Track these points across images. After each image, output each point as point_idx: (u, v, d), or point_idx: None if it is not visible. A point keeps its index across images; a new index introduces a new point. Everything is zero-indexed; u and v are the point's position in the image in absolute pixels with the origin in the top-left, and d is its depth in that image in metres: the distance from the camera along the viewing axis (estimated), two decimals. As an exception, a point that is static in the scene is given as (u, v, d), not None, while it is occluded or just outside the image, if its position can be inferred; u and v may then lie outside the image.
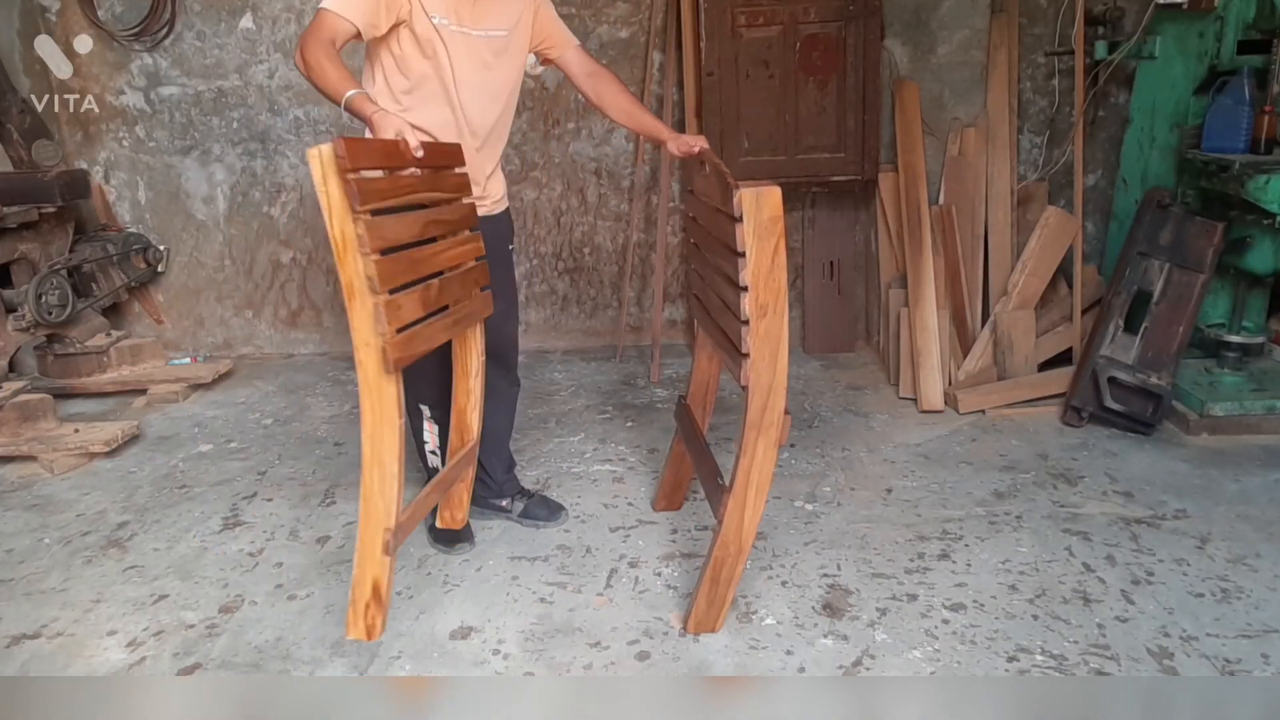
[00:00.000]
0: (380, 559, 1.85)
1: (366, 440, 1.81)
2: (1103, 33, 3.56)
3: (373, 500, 1.83)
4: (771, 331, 1.85)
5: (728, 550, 2.00)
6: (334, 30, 1.99)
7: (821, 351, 4.03)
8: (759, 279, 1.82)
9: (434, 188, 2.04)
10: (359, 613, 1.86)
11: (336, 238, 1.71)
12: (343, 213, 1.70)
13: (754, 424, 1.92)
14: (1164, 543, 2.39)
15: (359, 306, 1.76)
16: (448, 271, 2.07)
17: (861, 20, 3.48)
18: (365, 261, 1.74)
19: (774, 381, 1.90)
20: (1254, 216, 2.85)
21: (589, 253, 4.19)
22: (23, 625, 2.22)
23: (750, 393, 1.90)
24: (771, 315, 1.84)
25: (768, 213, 1.79)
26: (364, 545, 1.85)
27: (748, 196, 1.78)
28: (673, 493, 2.64)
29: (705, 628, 2.07)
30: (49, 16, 3.99)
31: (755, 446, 1.94)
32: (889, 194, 3.71)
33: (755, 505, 1.98)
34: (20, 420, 3.20)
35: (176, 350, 4.33)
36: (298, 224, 4.22)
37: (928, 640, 2.04)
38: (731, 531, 1.99)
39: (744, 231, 1.79)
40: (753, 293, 1.83)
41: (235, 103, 4.06)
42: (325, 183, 1.66)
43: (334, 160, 1.65)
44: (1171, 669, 1.91)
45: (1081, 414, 3.13)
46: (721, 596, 2.04)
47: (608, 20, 3.86)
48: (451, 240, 2.12)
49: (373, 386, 1.81)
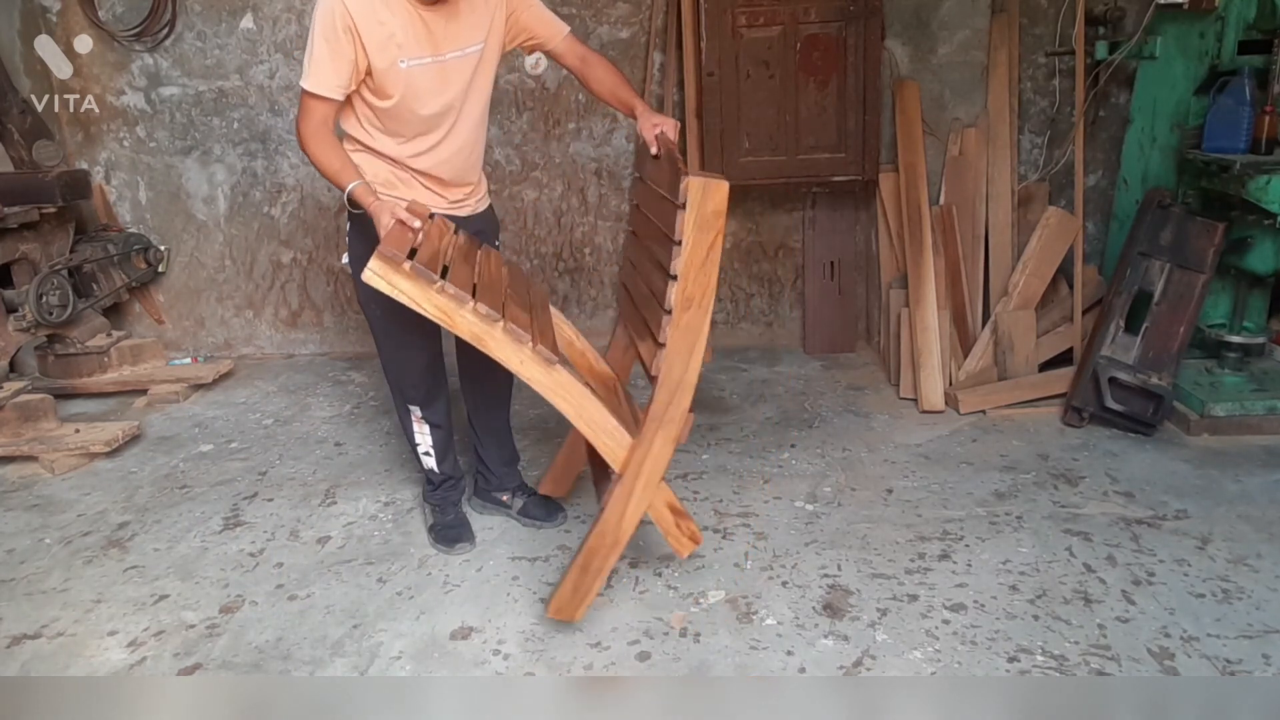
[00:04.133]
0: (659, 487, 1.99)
1: (640, 481, 1.95)
2: (1103, 33, 3.56)
3: (616, 454, 1.96)
4: (693, 326, 1.83)
5: (604, 540, 1.97)
6: (322, 112, 2.09)
7: (822, 352, 4.03)
8: (690, 270, 1.80)
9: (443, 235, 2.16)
10: (678, 532, 2.05)
11: (437, 315, 1.85)
12: (426, 293, 1.83)
13: (656, 417, 1.90)
14: (1165, 543, 2.38)
15: (495, 343, 1.89)
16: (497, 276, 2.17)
17: (862, 20, 3.48)
18: (474, 310, 1.86)
19: (685, 377, 1.88)
20: (1255, 217, 2.85)
21: (589, 253, 4.19)
22: (23, 625, 2.22)
23: (659, 384, 1.88)
24: (695, 309, 1.82)
25: (712, 206, 1.77)
26: (637, 487, 1.96)
27: (695, 185, 1.76)
28: (560, 477, 2.60)
29: (565, 615, 2.03)
30: (49, 16, 3.99)
31: (653, 439, 1.92)
32: (889, 194, 3.71)
33: (641, 498, 1.96)
34: (21, 420, 3.20)
35: (177, 350, 4.33)
36: (298, 224, 4.22)
37: (928, 640, 2.04)
38: (611, 521, 1.96)
39: (685, 220, 1.77)
40: (681, 283, 1.80)
41: (236, 103, 4.06)
42: (395, 286, 1.81)
43: (388, 265, 1.79)
44: (1172, 669, 1.91)
45: (1082, 414, 3.13)
46: (588, 586, 2.00)
47: (608, 20, 3.86)
48: (485, 259, 2.22)
49: (553, 383, 1.92)
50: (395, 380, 2.46)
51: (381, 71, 2.08)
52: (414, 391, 2.44)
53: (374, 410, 3.58)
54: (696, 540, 2.09)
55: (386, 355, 2.42)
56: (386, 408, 3.56)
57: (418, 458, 2.54)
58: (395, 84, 2.11)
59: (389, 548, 2.54)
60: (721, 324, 4.20)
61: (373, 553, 2.52)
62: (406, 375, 2.40)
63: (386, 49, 2.06)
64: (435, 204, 2.31)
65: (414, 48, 2.09)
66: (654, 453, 1.93)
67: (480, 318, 1.86)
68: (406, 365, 2.40)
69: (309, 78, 2.07)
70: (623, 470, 1.95)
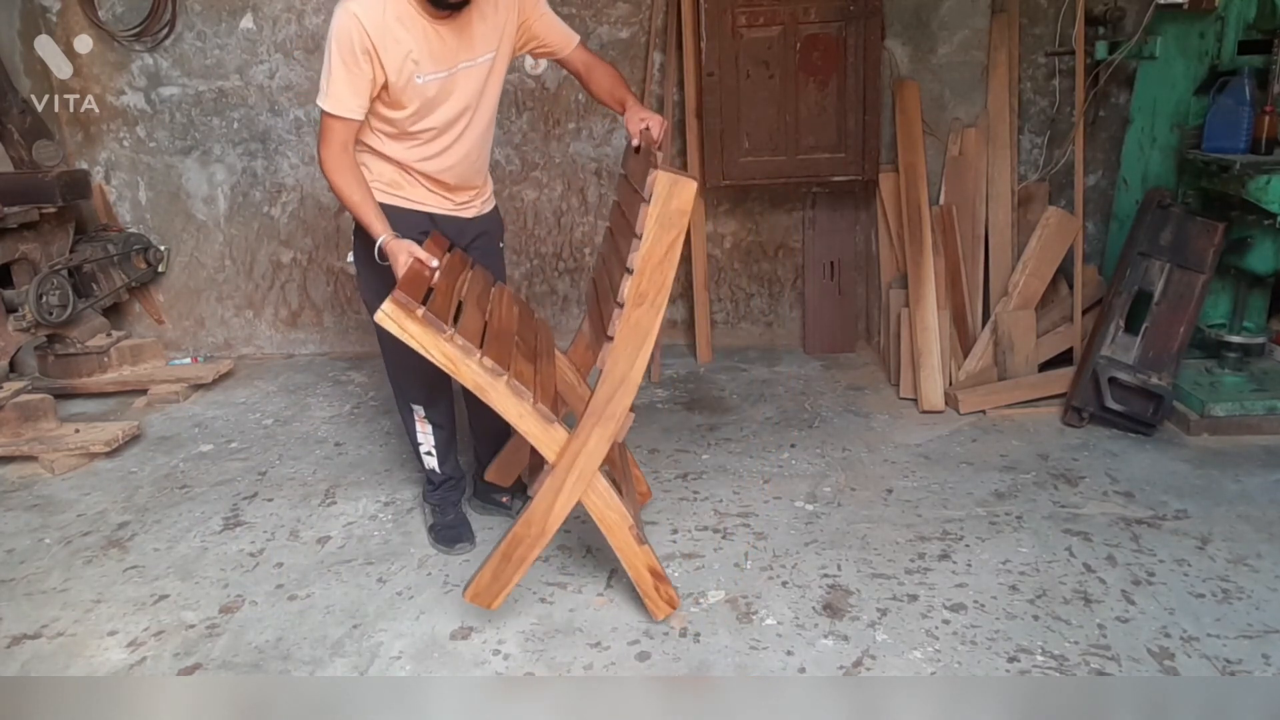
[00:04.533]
0: (640, 549, 2.03)
1: (572, 474, 1.94)
2: (1103, 33, 3.55)
3: (604, 513, 2.00)
4: (643, 323, 1.82)
5: (529, 529, 1.96)
6: (344, 134, 2.09)
7: (822, 352, 4.03)
8: (647, 266, 1.78)
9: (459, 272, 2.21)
10: (654, 596, 2.06)
11: (445, 362, 1.86)
12: (436, 341, 1.84)
13: (595, 411, 1.90)
14: (1165, 543, 2.38)
15: (497, 396, 1.90)
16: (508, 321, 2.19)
17: (862, 20, 3.48)
18: (479, 362, 1.87)
19: (629, 374, 1.86)
20: (1254, 217, 2.85)
21: (589, 253, 4.18)
22: (23, 625, 2.22)
23: (602, 379, 1.87)
24: (647, 307, 1.80)
25: (677, 203, 1.74)
26: (622, 549, 2.03)
27: (663, 180, 1.73)
28: (506, 468, 2.59)
29: (482, 601, 2.02)
30: (49, 16, 3.99)
31: (589, 434, 1.91)
32: (889, 194, 3.71)
33: (571, 491, 1.95)
34: (21, 420, 3.20)
35: (177, 350, 4.33)
36: (298, 224, 4.22)
37: (928, 640, 2.04)
38: (539, 511, 1.96)
39: (648, 214, 1.75)
40: (636, 278, 1.78)
41: (236, 103, 4.06)
42: (406, 331, 1.82)
43: (402, 310, 1.80)
44: (1172, 669, 1.91)
45: (1082, 414, 3.13)
46: (508, 576, 1.99)
47: (608, 20, 3.86)
48: (497, 300, 2.24)
49: (550, 440, 1.94)
50: (399, 379, 2.46)
51: (399, 88, 2.09)
52: (418, 391, 2.43)
53: (374, 410, 3.58)
54: (673, 605, 2.10)
55: (391, 354, 2.42)
56: (386, 408, 3.56)
57: (419, 457, 2.54)
58: (411, 98, 2.12)
59: (389, 548, 2.54)
60: (721, 324, 4.20)
61: (373, 553, 2.52)
62: (411, 374, 2.40)
63: (404, 66, 2.07)
64: (441, 206, 2.32)
65: (429, 63, 2.10)
66: (589, 448, 1.92)
67: (485, 370, 1.88)
68: (411, 364, 2.39)
69: (328, 99, 2.06)
70: (556, 462, 1.94)
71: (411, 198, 2.27)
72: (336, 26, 2.02)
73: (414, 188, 2.28)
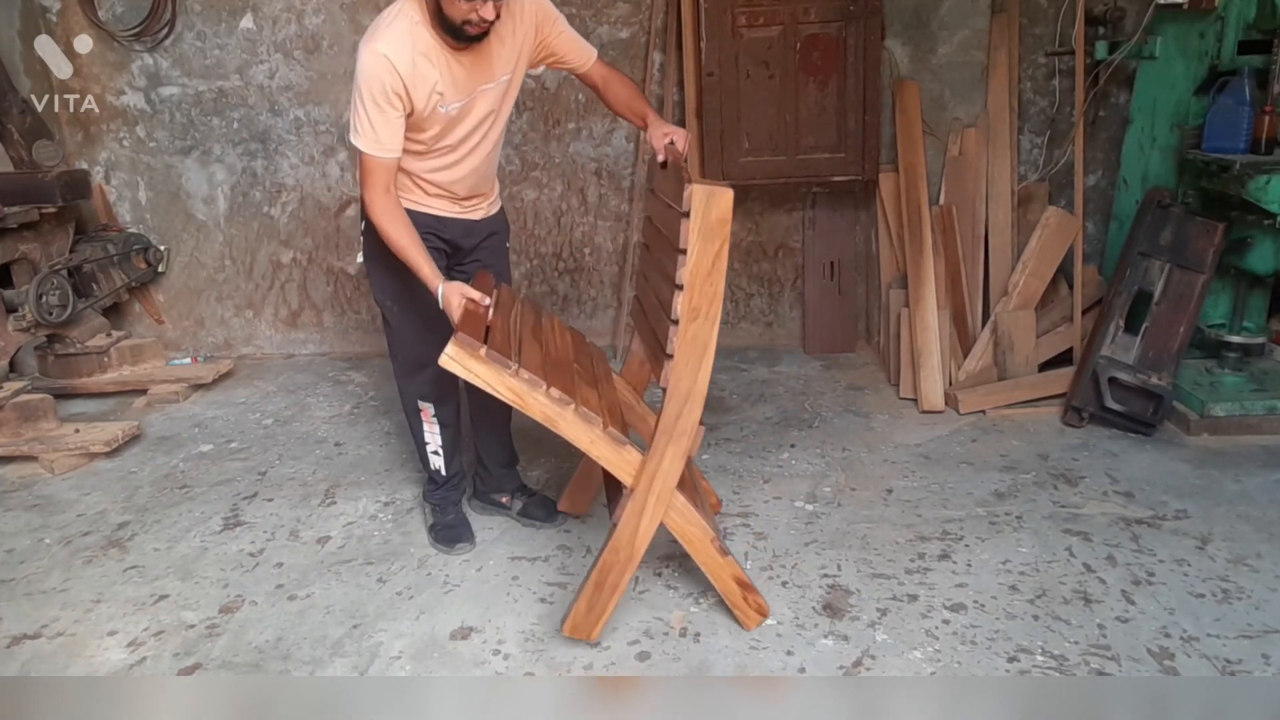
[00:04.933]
0: (724, 561, 2.03)
1: (652, 494, 1.94)
2: (1103, 33, 3.55)
3: (685, 529, 2.00)
4: (700, 336, 1.83)
5: (617, 555, 1.96)
6: (386, 175, 2.09)
7: (822, 352, 4.03)
8: (696, 280, 1.79)
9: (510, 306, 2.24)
10: (744, 607, 2.07)
11: (512, 397, 1.88)
12: (502, 378, 1.86)
13: (666, 430, 1.90)
14: (1164, 543, 2.38)
15: (566, 425, 1.92)
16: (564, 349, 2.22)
17: (862, 20, 3.48)
18: (547, 394, 1.89)
19: (694, 388, 1.87)
20: (1254, 217, 2.85)
21: (589, 253, 4.19)
22: (23, 625, 2.22)
23: (668, 396, 1.87)
24: (703, 320, 1.81)
25: (716, 214, 1.76)
26: (706, 563, 2.04)
27: (699, 193, 1.74)
28: (578, 494, 2.59)
29: (581, 634, 2.01)
30: (49, 16, 3.99)
31: (663, 453, 1.91)
32: (889, 194, 3.71)
33: (654, 512, 1.95)
34: (21, 420, 3.20)
35: (177, 350, 4.33)
36: (298, 224, 4.22)
37: (928, 640, 2.04)
38: (625, 536, 1.96)
39: (689, 228, 1.76)
40: (688, 293, 1.79)
41: (236, 103, 4.06)
42: (471, 371, 1.85)
43: (463, 351, 1.82)
44: (1172, 669, 1.91)
45: (1082, 414, 3.13)
46: (604, 604, 1.99)
47: (608, 20, 3.86)
48: (550, 330, 2.26)
49: (622, 462, 1.94)
50: (409, 377, 2.47)
51: (424, 117, 2.10)
52: (428, 388, 2.44)
53: (374, 410, 3.58)
54: (764, 613, 2.10)
55: (402, 351, 2.43)
56: (386, 408, 3.56)
57: (425, 457, 2.54)
58: (434, 123, 2.13)
59: (389, 548, 2.54)
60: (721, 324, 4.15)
61: (373, 553, 2.52)
62: (422, 371, 2.41)
63: (431, 98, 2.08)
64: (449, 210, 2.33)
65: (453, 93, 2.11)
66: (664, 467, 1.92)
67: (554, 401, 1.89)
68: (422, 361, 2.40)
69: (365, 140, 2.05)
70: (634, 486, 1.94)
71: (420, 201, 2.29)
72: (366, 68, 2.00)
73: (423, 193, 2.29)
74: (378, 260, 2.32)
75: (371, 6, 3.90)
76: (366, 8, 3.91)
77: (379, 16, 2.09)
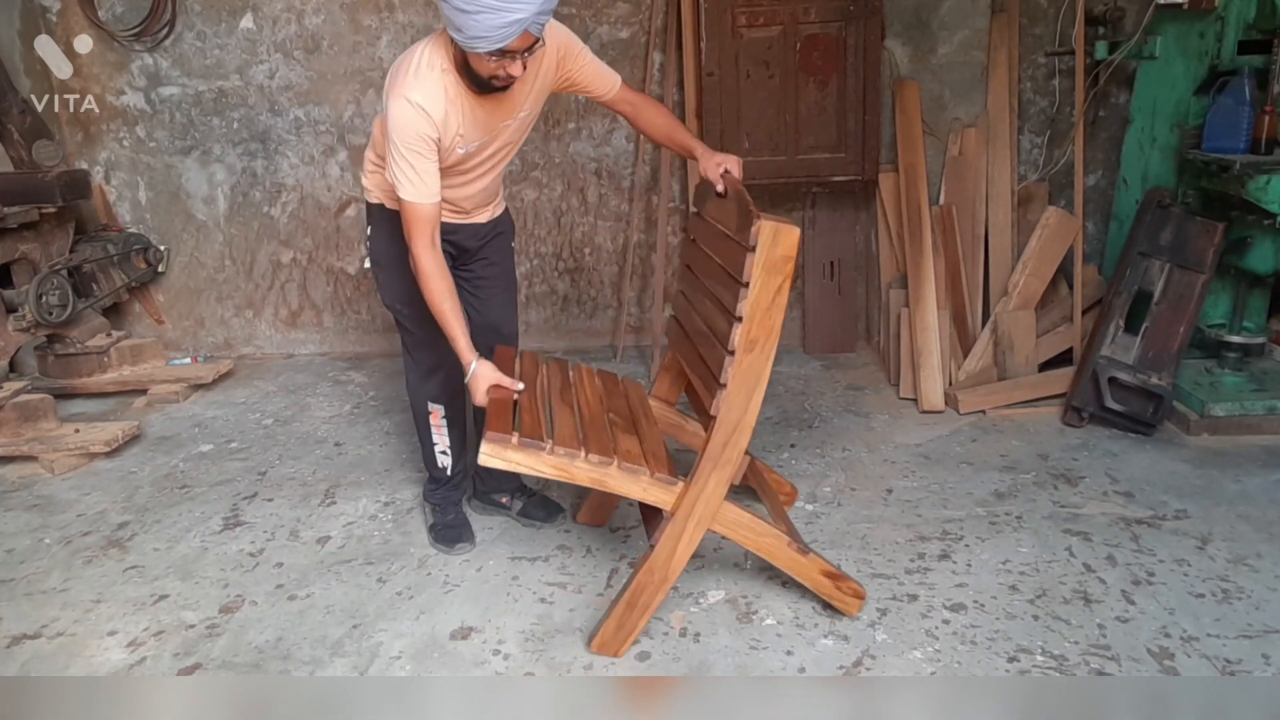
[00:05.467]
0: (807, 560, 2.05)
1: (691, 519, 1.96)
2: (1103, 33, 3.55)
3: (759, 542, 2.03)
4: (754, 368, 1.85)
5: (652, 576, 1.98)
6: (432, 219, 2.06)
7: (822, 352, 4.03)
8: (756, 313, 1.81)
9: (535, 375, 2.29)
10: (839, 596, 2.09)
11: (555, 474, 1.92)
12: (539, 460, 1.90)
13: (712, 457, 1.91)
14: (1164, 543, 2.38)
15: (615, 483, 1.95)
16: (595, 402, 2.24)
17: (862, 20, 3.48)
18: (586, 460, 1.92)
19: (744, 419, 1.89)
20: (1254, 217, 2.85)
21: (589, 253, 4.19)
22: (23, 625, 2.22)
23: (717, 424, 1.89)
24: (758, 353, 1.84)
25: (781, 250, 1.79)
26: (790, 567, 2.06)
27: (766, 229, 1.78)
28: (599, 508, 2.59)
29: (609, 650, 2.02)
30: (49, 16, 3.99)
31: (707, 479, 1.93)
32: (889, 194, 3.71)
33: (692, 537, 1.97)
34: (21, 420, 3.20)
35: (177, 350, 4.33)
36: (298, 224, 4.22)
37: (928, 640, 2.04)
38: (661, 558, 1.97)
39: (753, 262, 1.79)
40: (746, 325, 1.82)
41: (236, 103, 4.06)
42: (509, 461, 1.89)
43: (497, 446, 1.87)
44: (1172, 669, 1.91)
45: (1082, 414, 3.13)
46: (633, 623, 2.00)
47: (608, 20, 3.86)
48: (579, 386, 2.30)
49: (673, 498, 1.96)
50: (422, 380, 2.46)
51: (443, 152, 2.09)
52: (440, 389, 2.44)
53: (374, 410, 3.58)
54: (860, 596, 2.11)
55: (417, 353, 2.42)
56: (386, 408, 3.56)
57: (431, 458, 2.54)
58: (450, 158, 2.13)
59: (389, 548, 2.54)
60: (721, 324, 4.20)
61: (373, 553, 2.52)
62: (435, 374, 2.41)
63: (453, 140, 2.08)
64: (457, 218, 2.33)
65: (473, 133, 2.12)
66: (707, 492, 1.94)
67: (595, 465, 1.92)
68: (436, 364, 2.40)
69: (410, 190, 2.02)
70: (675, 509, 1.96)
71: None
72: (403, 120, 1.98)
73: None
74: (387, 264, 2.32)
75: (371, 7, 3.90)
76: (366, 8, 3.91)
77: (404, 60, 2.05)
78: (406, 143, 1.99)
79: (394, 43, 3.95)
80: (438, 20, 3.90)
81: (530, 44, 1.92)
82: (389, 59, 3.96)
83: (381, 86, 3.96)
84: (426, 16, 3.91)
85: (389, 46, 3.95)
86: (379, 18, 3.93)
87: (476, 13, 1.82)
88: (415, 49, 2.06)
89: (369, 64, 3.98)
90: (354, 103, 4.04)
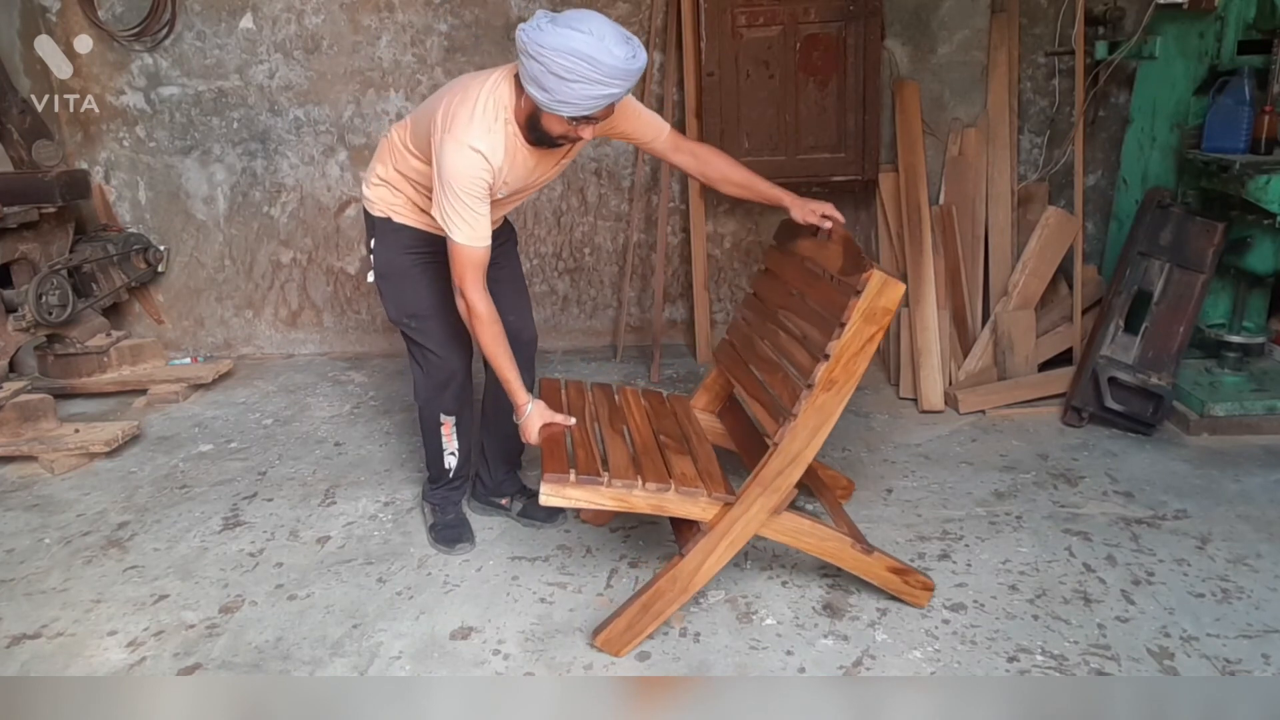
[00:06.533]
0: (872, 559, 2.08)
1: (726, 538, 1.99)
2: (1103, 33, 3.56)
3: (823, 547, 2.07)
4: (827, 407, 1.89)
5: (674, 585, 1.99)
6: (481, 266, 2.05)
7: (822, 351, 4.03)
8: (844, 355, 1.85)
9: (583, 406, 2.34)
10: (908, 590, 2.11)
11: (615, 505, 1.97)
12: (598, 495, 1.95)
13: (763, 482, 1.94)
14: (1164, 543, 2.38)
15: (674, 508, 1.99)
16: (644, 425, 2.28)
17: (862, 20, 3.48)
18: (644, 488, 1.96)
19: (803, 453, 1.93)
20: (1254, 216, 2.85)
21: (589, 253, 4.19)
22: (23, 625, 2.22)
23: (776, 452, 1.92)
24: (834, 393, 1.88)
25: (884, 302, 1.83)
26: (856, 567, 2.09)
27: (876, 279, 1.82)
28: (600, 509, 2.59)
29: (612, 649, 2.02)
30: (49, 16, 3.99)
31: (753, 503, 1.96)
32: (889, 194, 3.71)
33: (722, 555, 1.99)
34: (20, 420, 3.20)
35: (177, 350, 4.33)
36: (298, 224, 4.22)
37: (928, 640, 2.04)
38: (687, 570, 1.99)
39: (854, 307, 1.82)
40: (831, 364, 1.85)
41: (235, 103, 4.06)
42: (569, 499, 1.94)
43: (557, 487, 1.92)
44: (1172, 669, 1.91)
45: (1082, 414, 3.13)
46: (643, 627, 2.01)
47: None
48: (626, 410, 2.33)
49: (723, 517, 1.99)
50: (434, 393, 2.43)
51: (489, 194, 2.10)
52: (453, 401, 2.44)
53: (374, 410, 3.58)
54: (929, 587, 2.13)
55: (429, 365, 2.40)
56: (386, 408, 3.57)
57: (438, 460, 2.52)
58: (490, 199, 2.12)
59: (389, 548, 2.54)
60: (721, 324, 4.19)
61: (373, 553, 2.52)
62: (448, 386, 2.40)
63: (500, 185, 2.08)
64: None
65: (516, 179, 2.12)
66: (749, 515, 1.96)
67: (653, 493, 1.96)
68: (448, 376, 2.39)
69: (462, 233, 1.99)
70: (713, 525, 1.97)
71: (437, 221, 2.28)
72: (462, 165, 1.95)
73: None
74: (393, 278, 2.30)
75: (371, 7, 3.90)
76: (366, 8, 3.91)
77: (463, 99, 2.00)
78: (465, 188, 1.96)
79: (394, 42, 3.95)
80: (438, 20, 3.91)
81: (610, 114, 1.95)
82: (389, 59, 3.97)
83: (381, 86, 4.01)
84: (426, 16, 3.91)
85: (389, 46, 3.95)
86: (379, 18, 3.93)
87: (575, 82, 1.81)
88: (474, 88, 2.01)
89: (369, 64, 3.98)
90: (354, 103, 4.04)
